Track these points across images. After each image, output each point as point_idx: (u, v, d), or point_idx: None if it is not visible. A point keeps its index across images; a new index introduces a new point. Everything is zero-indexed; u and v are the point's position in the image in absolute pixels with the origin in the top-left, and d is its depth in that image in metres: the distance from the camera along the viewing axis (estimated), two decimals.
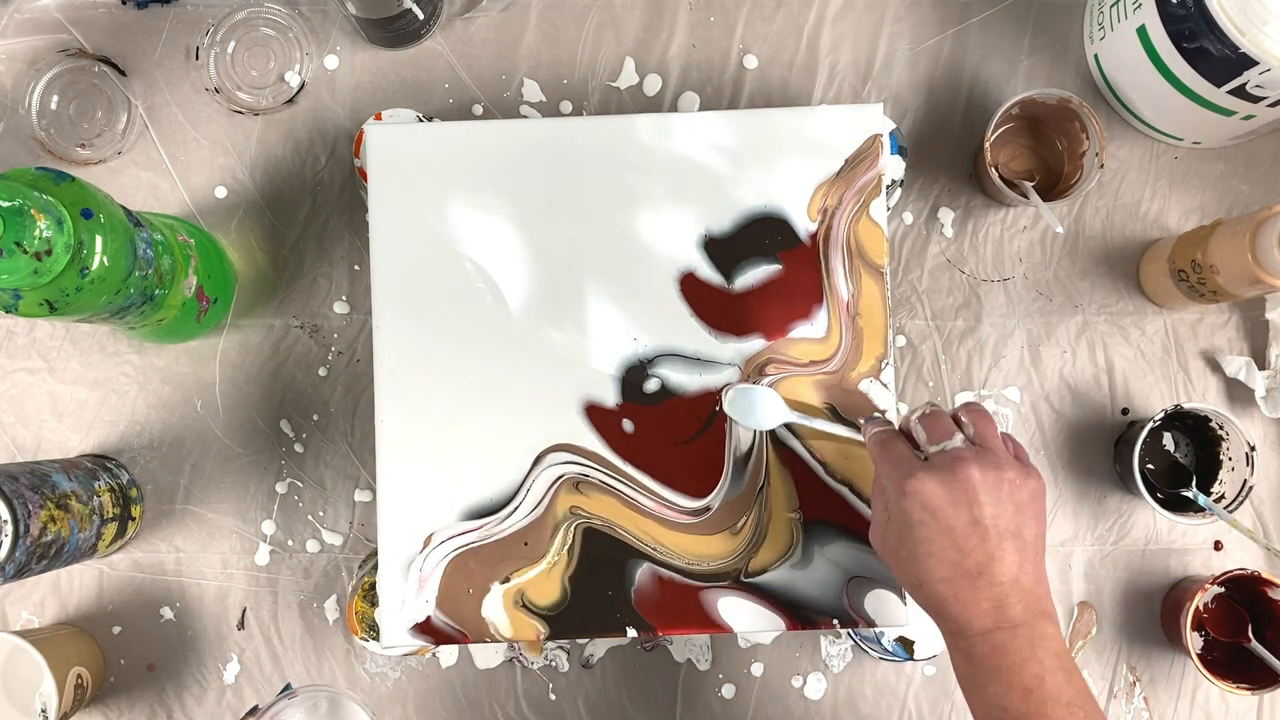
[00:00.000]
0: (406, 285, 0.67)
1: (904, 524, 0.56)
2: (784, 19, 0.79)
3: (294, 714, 0.59)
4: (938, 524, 0.55)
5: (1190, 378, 0.78)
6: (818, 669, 0.76)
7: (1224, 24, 0.64)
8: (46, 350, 0.77)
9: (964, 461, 0.55)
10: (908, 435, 0.60)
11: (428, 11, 0.75)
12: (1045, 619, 0.55)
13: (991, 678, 0.54)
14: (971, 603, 0.54)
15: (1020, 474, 0.56)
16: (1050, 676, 0.53)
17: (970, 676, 0.55)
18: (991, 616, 0.54)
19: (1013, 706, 0.53)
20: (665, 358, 0.67)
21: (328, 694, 0.59)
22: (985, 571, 0.54)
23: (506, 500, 0.66)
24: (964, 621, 0.55)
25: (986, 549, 0.54)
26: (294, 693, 0.58)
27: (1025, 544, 0.55)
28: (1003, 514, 0.55)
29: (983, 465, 0.55)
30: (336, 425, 0.77)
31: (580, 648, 0.76)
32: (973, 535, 0.54)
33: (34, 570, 0.65)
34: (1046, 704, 0.53)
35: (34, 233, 0.56)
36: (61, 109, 0.78)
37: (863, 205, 0.67)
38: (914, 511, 0.56)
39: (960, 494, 0.55)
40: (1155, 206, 0.78)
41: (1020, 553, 0.55)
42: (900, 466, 0.57)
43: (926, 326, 0.78)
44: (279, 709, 0.58)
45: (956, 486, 0.55)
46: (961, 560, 0.55)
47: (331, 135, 0.78)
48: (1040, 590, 0.55)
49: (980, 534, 0.54)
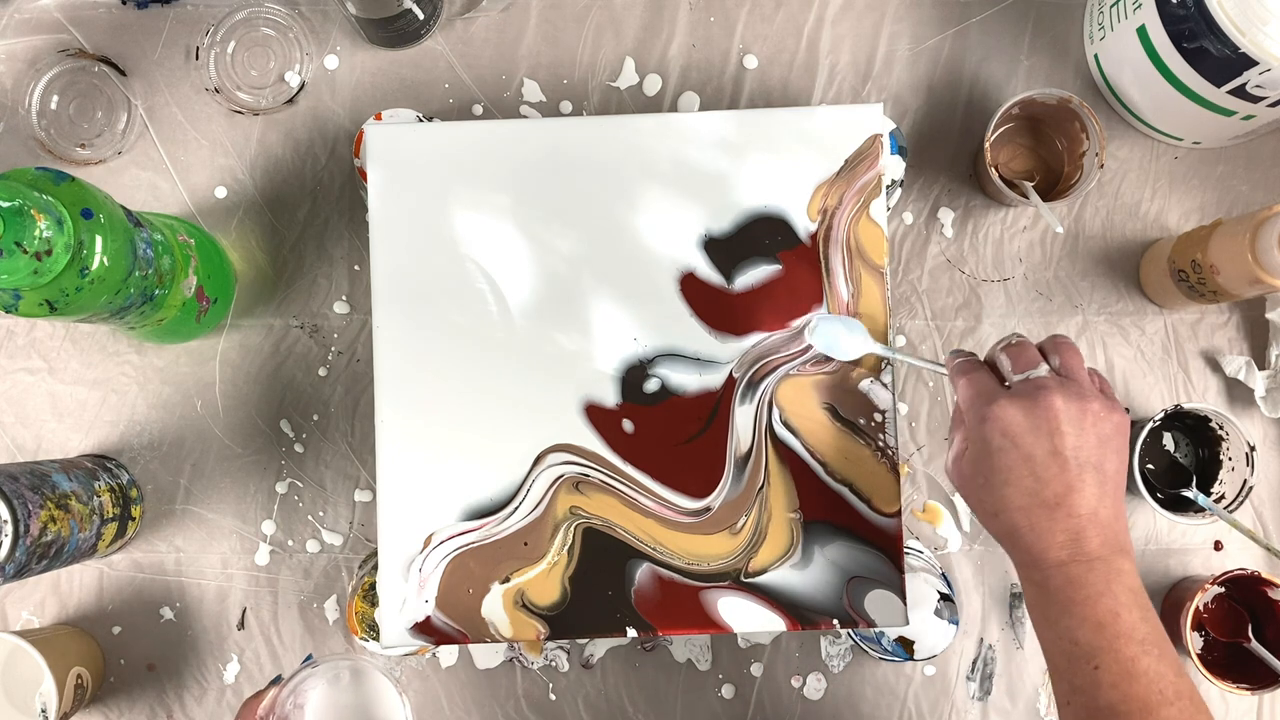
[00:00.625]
0: (406, 285, 0.67)
1: (983, 451, 0.55)
2: (784, 19, 0.79)
3: (316, 684, 0.59)
4: (1018, 452, 0.54)
5: (1190, 378, 0.78)
6: (818, 669, 0.76)
7: (1224, 24, 0.64)
8: (46, 350, 0.77)
9: (1048, 390, 0.54)
10: (992, 367, 0.59)
11: (428, 11, 0.75)
12: (1122, 555, 0.54)
13: (1064, 611, 0.53)
14: (1048, 533, 0.54)
15: (1105, 407, 0.55)
16: (1125, 612, 0.52)
17: (1042, 608, 0.54)
18: (1067, 549, 0.53)
19: (1084, 640, 0.52)
20: (665, 358, 0.67)
21: (350, 664, 0.59)
22: (1063, 503, 0.53)
23: (506, 500, 0.66)
24: (1039, 552, 0.54)
25: (1066, 480, 0.53)
26: (315, 663, 0.58)
27: (1106, 477, 0.54)
28: (1085, 445, 0.54)
29: (1067, 395, 0.54)
30: (336, 425, 0.77)
31: (580, 648, 0.76)
32: (1053, 465, 0.54)
33: (34, 570, 0.65)
34: (1119, 640, 0.51)
35: (34, 233, 0.56)
36: (61, 109, 0.78)
37: (863, 205, 0.67)
38: (994, 438, 0.55)
39: (1042, 422, 0.54)
40: (1155, 206, 0.78)
41: (1100, 486, 0.54)
42: (983, 394, 0.56)
43: (926, 326, 0.78)
44: (301, 678, 0.58)
45: (1039, 415, 0.54)
46: (1040, 490, 0.54)
47: (331, 135, 0.78)
48: (1119, 526, 0.54)
49: (1060, 464, 0.53)
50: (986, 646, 0.76)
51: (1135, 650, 0.51)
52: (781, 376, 0.66)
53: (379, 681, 0.59)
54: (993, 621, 0.76)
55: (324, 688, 0.59)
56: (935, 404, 0.77)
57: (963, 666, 0.76)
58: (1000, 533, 0.56)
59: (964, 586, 0.76)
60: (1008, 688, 0.76)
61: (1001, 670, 0.76)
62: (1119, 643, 0.51)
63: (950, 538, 0.77)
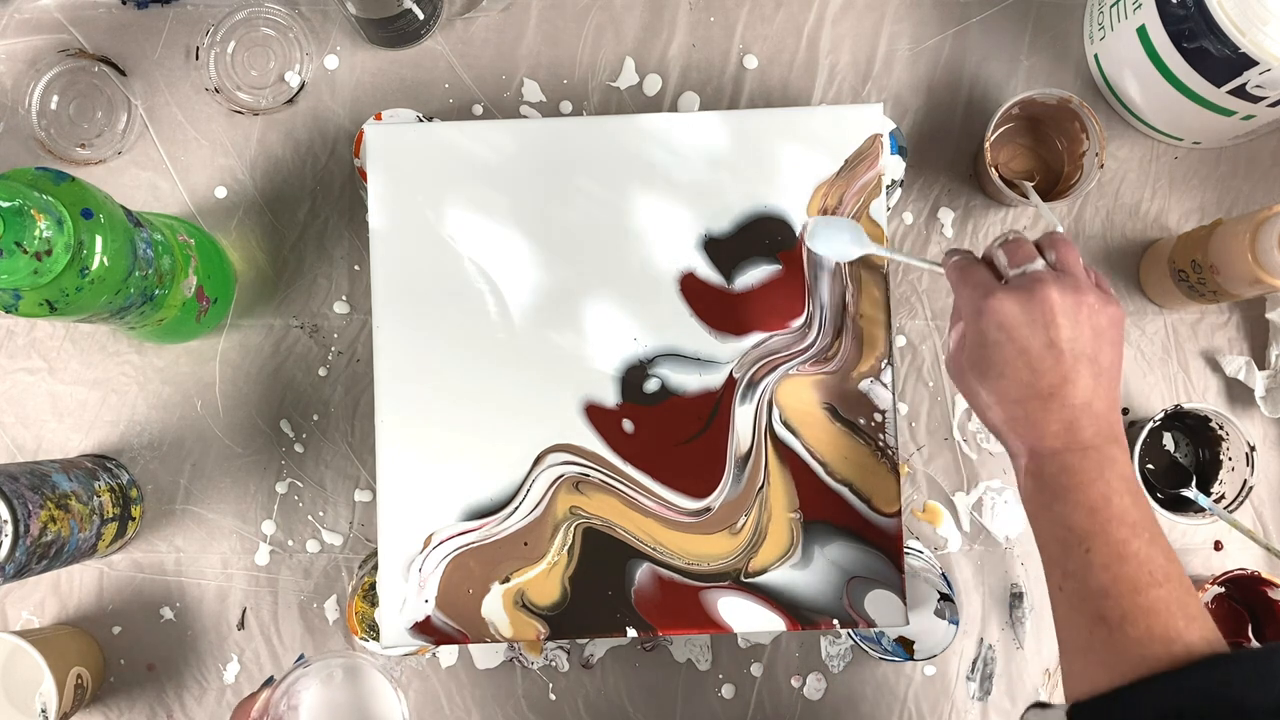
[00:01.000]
0: (406, 285, 0.67)
1: (979, 345, 0.56)
2: (784, 19, 0.79)
3: (310, 683, 0.59)
4: (1013, 344, 0.54)
5: (1190, 378, 0.78)
6: (818, 669, 0.76)
7: (1224, 24, 0.64)
8: (46, 350, 0.77)
9: (1043, 283, 0.55)
10: (989, 264, 0.59)
11: (428, 11, 0.75)
12: (1115, 444, 0.54)
13: (1057, 497, 0.54)
14: (1043, 424, 0.54)
15: (1100, 300, 0.55)
16: (1117, 498, 0.53)
17: (1036, 497, 0.55)
18: (1061, 438, 0.54)
19: (1077, 525, 0.53)
20: (665, 358, 0.67)
21: (343, 662, 0.59)
22: (1058, 394, 0.54)
23: (506, 500, 0.66)
24: (1033, 441, 0.55)
25: (1061, 371, 0.54)
26: (308, 662, 0.58)
27: (1101, 369, 0.55)
28: (1080, 337, 0.54)
29: (1062, 288, 0.55)
30: (336, 425, 0.77)
31: (580, 648, 0.76)
32: (1048, 357, 0.54)
33: (34, 570, 0.65)
34: (1111, 523, 0.52)
35: (34, 233, 0.56)
36: (61, 109, 0.78)
37: (863, 205, 0.67)
38: (990, 331, 0.55)
39: (1038, 315, 0.54)
40: (1155, 206, 0.78)
41: (1095, 378, 0.54)
42: (979, 288, 0.57)
43: (926, 326, 0.78)
44: (294, 678, 0.58)
45: (1035, 307, 0.54)
46: (1035, 381, 0.54)
47: (331, 135, 0.78)
48: (1113, 417, 0.55)
49: (1055, 356, 0.54)
50: (986, 646, 0.76)
51: (1126, 533, 0.52)
52: (781, 376, 0.66)
53: (374, 678, 0.59)
54: (993, 621, 0.76)
55: (318, 687, 0.59)
56: (935, 404, 0.77)
57: (963, 666, 0.76)
58: (996, 425, 0.57)
59: (964, 586, 0.76)
60: (1008, 688, 0.76)
61: (1001, 670, 0.76)
62: (1110, 526, 0.52)
63: (950, 538, 0.77)
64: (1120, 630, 0.50)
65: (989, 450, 0.77)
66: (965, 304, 0.57)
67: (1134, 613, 0.50)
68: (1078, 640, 0.53)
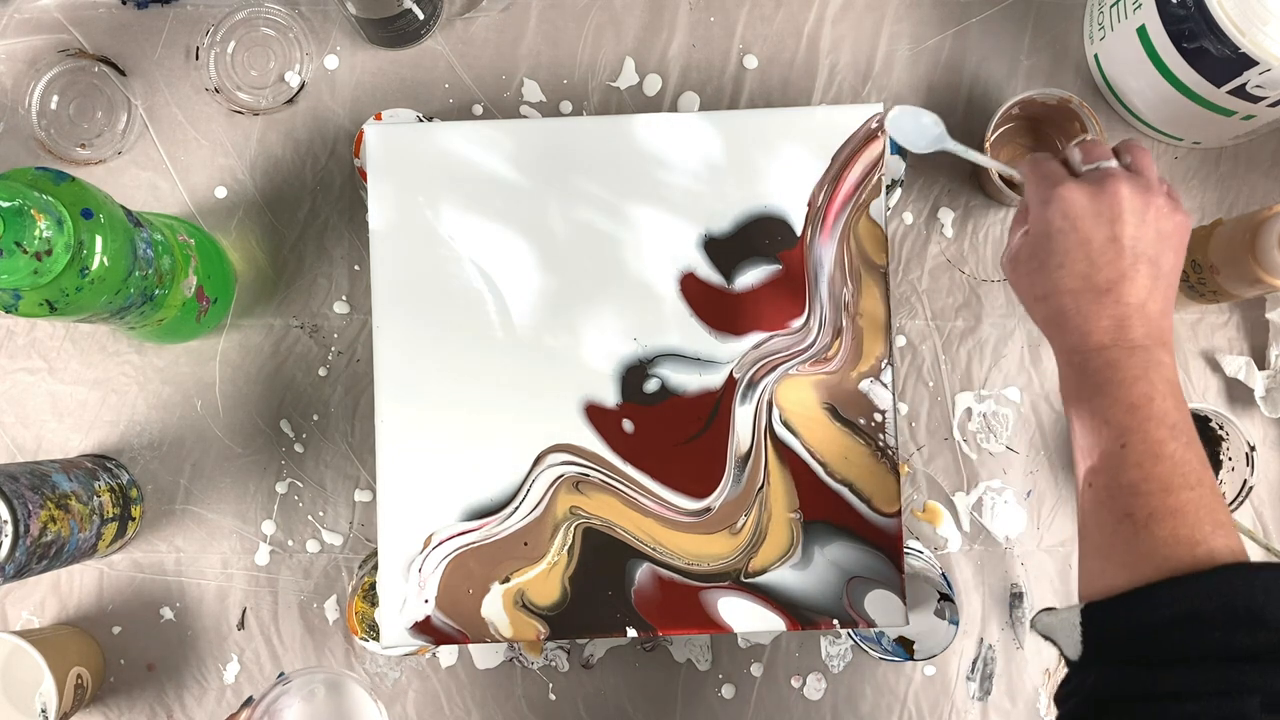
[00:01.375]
0: (406, 285, 0.67)
1: (1043, 233, 0.55)
2: (784, 19, 0.79)
3: (290, 701, 0.58)
4: (1076, 234, 0.54)
5: (1190, 378, 0.78)
6: (818, 669, 0.76)
7: (1224, 24, 0.64)
8: (46, 350, 0.77)
9: (1115, 178, 0.55)
10: (1064, 164, 0.59)
11: (428, 11, 0.75)
12: (1164, 348, 0.54)
13: (1099, 391, 0.53)
14: (1093, 317, 0.54)
15: (1170, 205, 0.55)
16: (1160, 399, 0.52)
17: (1077, 390, 0.55)
18: (1110, 334, 0.54)
19: (1115, 420, 0.52)
20: (665, 358, 0.67)
21: (325, 677, 0.58)
22: (1114, 289, 0.54)
23: (506, 500, 0.66)
24: (1081, 335, 0.54)
25: (1119, 267, 0.54)
26: (288, 679, 0.58)
27: (1160, 272, 0.54)
28: (1144, 237, 0.54)
29: (1134, 186, 0.55)
30: (336, 425, 0.77)
31: (580, 648, 0.76)
32: (1109, 250, 0.54)
33: (34, 570, 0.65)
34: (1150, 422, 0.52)
35: (34, 233, 0.56)
36: (61, 109, 0.78)
37: (863, 205, 0.67)
38: (1055, 219, 0.55)
39: (1105, 208, 0.54)
40: None
41: (1153, 279, 0.54)
42: (1049, 177, 0.56)
43: (926, 326, 0.78)
44: (274, 698, 0.57)
45: (1103, 200, 0.54)
46: (1092, 274, 0.54)
47: (331, 135, 0.78)
48: (1165, 323, 0.55)
49: (1116, 250, 0.54)
50: (986, 646, 0.76)
51: (1165, 434, 0.51)
52: (781, 376, 0.66)
53: (356, 693, 0.59)
54: (993, 621, 0.76)
55: (299, 705, 0.58)
56: (935, 404, 0.77)
57: (963, 666, 0.76)
58: (1046, 316, 0.56)
59: (964, 586, 0.76)
60: (1008, 688, 0.76)
61: (1001, 670, 0.76)
62: (1149, 425, 0.52)
63: (950, 538, 0.77)
64: (1146, 529, 0.50)
65: (989, 450, 0.77)
66: (1033, 194, 0.57)
67: (1161, 512, 0.50)
68: (1100, 539, 0.52)
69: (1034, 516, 0.77)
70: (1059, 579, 0.77)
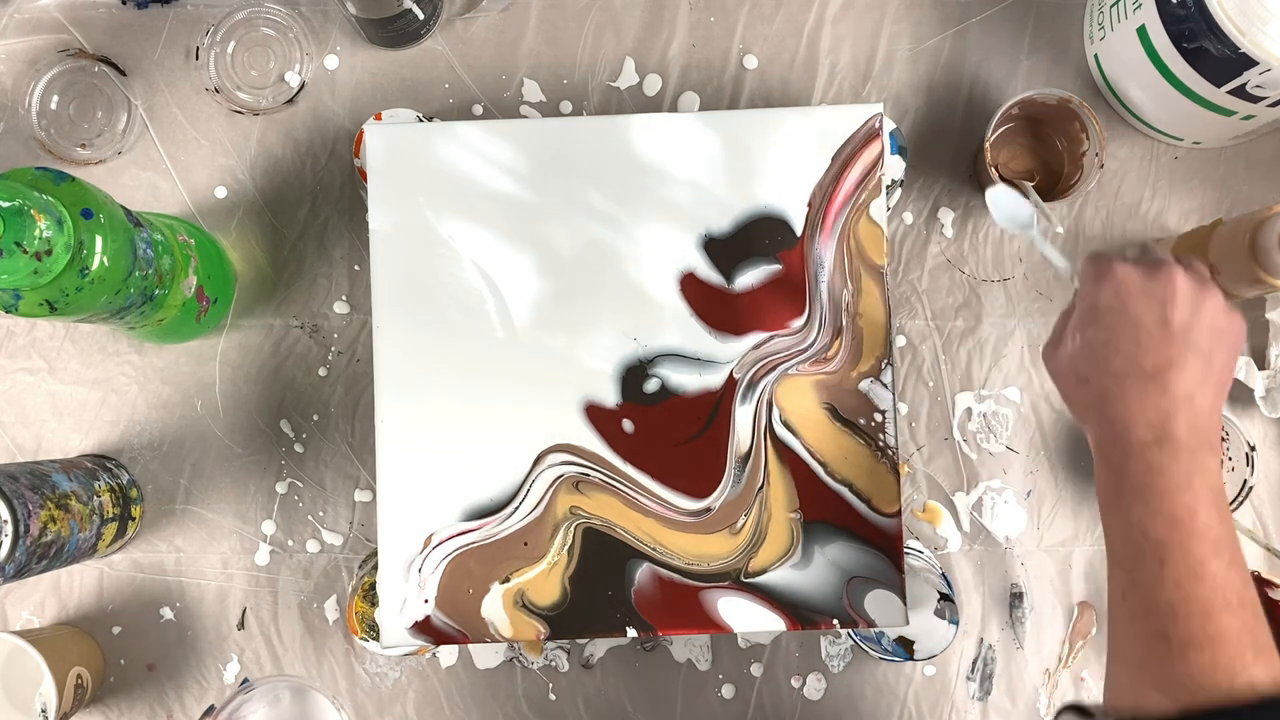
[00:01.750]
0: (406, 285, 0.67)
1: (1091, 312, 0.53)
2: (784, 19, 0.79)
3: (255, 707, 0.58)
4: (1127, 313, 0.51)
5: None
6: (818, 669, 0.76)
7: (1224, 24, 0.64)
8: (46, 350, 0.77)
9: (1171, 265, 0.52)
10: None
11: (428, 11, 0.75)
12: (1210, 451, 0.50)
13: (1138, 499, 0.50)
14: (1138, 406, 0.51)
15: (1226, 306, 0.53)
16: (1204, 512, 0.49)
17: (1116, 494, 0.51)
18: (1154, 430, 0.50)
19: (1155, 534, 0.49)
20: (665, 358, 0.67)
21: (289, 684, 0.58)
22: (1161, 375, 0.50)
23: (506, 500, 0.66)
24: (1123, 426, 0.51)
25: (1168, 353, 0.50)
26: (251, 686, 0.57)
27: (1211, 368, 0.51)
28: (1197, 326, 0.51)
29: (1189, 276, 0.52)
30: (336, 425, 0.77)
31: (580, 648, 0.76)
32: (1159, 334, 0.51)
33: (34, 570, 0.65)
34: (1193, 538, 0.49)
35: (34, 233, 0.56)
36: (61, 109, 0.78)
37: (862, 205, 0.67)
38: (1105, 296, 0.52)
39: (1158, 288, 0.51)
40: (1155, 206, 0.78)
41: (1204, 372, 0.51)
42: (1104, 261, 0.54)
43: (926, 326, 0.78)
44: (236, 705, 0.57)
45: (1158, 281, 0.52)
46: (1139, 356, 0.51)
47: (331, 135, 0.78)
48: (1213, 422, 0.51)
49: (1166, 335, 0.51)
50: (986, 646, 0.76)
51: (1207, 552, 0.49)
52: (781, 376, 0.66)
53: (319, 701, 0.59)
54: (993, 621, 0.76)
55: (265, 710, 0.58)
56: (935, 404, 0.77)
57: (963, 666, 0.76)
58: (1087, 401, 0.53)
59: (964, 586, 0.76)
60: (1008, 688, 0.76)
61: (1001, 670, 0.76)
62: (1191, 541, 0.49)
63: (950, 538, 0.77)
64: (1183, 654, 0.48)
65: (989, 450, 0.77)
66: (1086, 275, 0.54)
67: (1201, 639, 0.48)
68: (1132, 654, 0.50)
69: (1034, 516, 0.77)
70: (1059, 579, 0.77)
